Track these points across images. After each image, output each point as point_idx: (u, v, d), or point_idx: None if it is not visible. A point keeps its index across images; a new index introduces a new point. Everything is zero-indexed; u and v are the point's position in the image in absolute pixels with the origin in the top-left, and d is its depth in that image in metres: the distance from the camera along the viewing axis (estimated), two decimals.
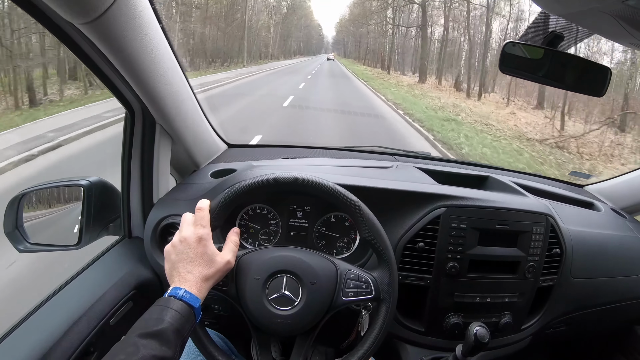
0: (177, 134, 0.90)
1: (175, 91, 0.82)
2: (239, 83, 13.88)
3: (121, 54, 0.65)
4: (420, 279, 0.85)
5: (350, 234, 0.92)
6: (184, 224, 0.65)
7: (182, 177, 1.06)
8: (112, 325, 0.79)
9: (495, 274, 0.86)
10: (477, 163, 1.34)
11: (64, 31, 0.62)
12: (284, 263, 0.67)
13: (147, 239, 0.89)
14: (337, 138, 6.35)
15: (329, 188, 0.70)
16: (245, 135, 5.55)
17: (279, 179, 0.70)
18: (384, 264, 0.70)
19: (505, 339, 0.91)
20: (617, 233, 1.10)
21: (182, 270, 0.60)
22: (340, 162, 1.10)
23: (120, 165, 0.89)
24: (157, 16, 0.69)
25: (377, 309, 0.69)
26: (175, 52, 0.79)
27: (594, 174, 5.61)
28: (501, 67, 0.83)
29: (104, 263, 0.89)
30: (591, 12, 0.49)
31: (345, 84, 17.48)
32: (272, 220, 0.93)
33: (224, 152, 1.19)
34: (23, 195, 0.84)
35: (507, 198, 0.92)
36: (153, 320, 0.54)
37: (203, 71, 16.91)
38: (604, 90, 0.82)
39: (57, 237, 0.92)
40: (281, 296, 0.65)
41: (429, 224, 0.84)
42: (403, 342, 0.89)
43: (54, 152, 4.64)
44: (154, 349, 0.51)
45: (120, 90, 0.77)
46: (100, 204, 0.87)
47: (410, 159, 1.27)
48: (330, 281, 0.67)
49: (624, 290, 1.05)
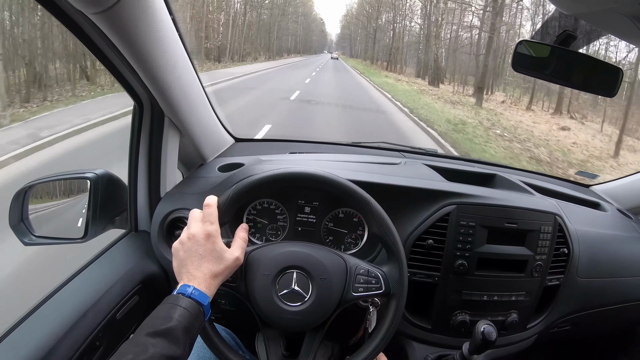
0: (185, 127, 0.89)
1: (184, 84, 0.81)
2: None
3: (132, 45, 0.64)
4: (428, 276, 0.85)
5: (359, 230, 0.92)
6: (192, 221, 0.64)
7: (189, 170, 1.05)
8: (119, 319, 0.79)
9: (502, 273, 0.86)
10: (483, 161, 1.34)
11: (73, 21, 0.61)
12: (294, 259, 0.67)
13: (154, 233, 0.88)
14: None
15: (339, 183, 0.69)
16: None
17: (289, 173, 0.69)
18: (394, 259, 0.69)
19: (511, 338, 0.92)
20: (623, 234, 1.10)
21: (191, 268, 0.60)
22: (348, 158, 1.09)
23: (128, 158, 0.89)
24: (168, 7, 0.68)
25: (386, 304, 0.69)
26: (186, 44, 0.78)
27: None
28: (514, 65, 0.83)
29: (110, 257, 0.88)
30: (606, 13, 0.49)
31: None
32: (280, 216, 0.93)
33: (231, 146, 1.18)
34: (29, 187, 0.84)
35: (515, 197, 0.92)
36: (161, 318, 0.53)
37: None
38: (616, 91, 0.82)
39: (62, 230, 0.92)
40: (291, 292, 0.65)
41: (438, 221, 0.84)
42: (409, 339, 0.89)
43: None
44: (163, 347, 0.50)
45: (129, 82, 0.76)
46: (106, 197, 0.86)
47: (417, 155, 1.27)
48: (340, 276, 0.67)
49: (630, 291, 1.06)
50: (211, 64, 18.05)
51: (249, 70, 16.72)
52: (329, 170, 0.72)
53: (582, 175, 1.53)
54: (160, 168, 0.89)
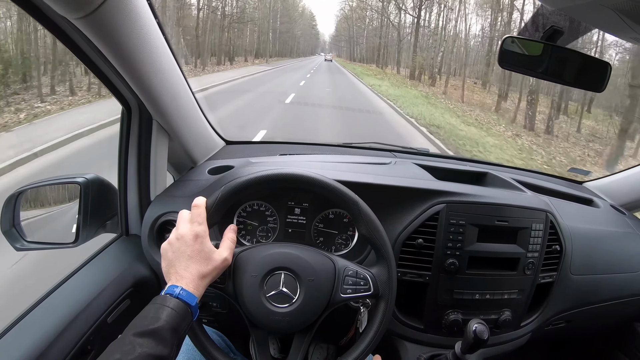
0: (174, 130, 0.89)
1: (171, 87, 0.81)
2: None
3: (116, 49, 0.65)
4: (419, 275, 0.84)
5: (349, 231, 0.92)
6: (181, 222, 0.64)
7: (180, 173, 1.05)
8: (110, 323, 0.79)
9: (494, 271, 0.86)
10: (476, 159, 1.34)
11: (58, 26, 0.62)
12: (282, 260, 0.67)
13: (145, 237, 0.88)
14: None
15: (326, 184, 0.69)
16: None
17: (275, 175, 0.69)
18: (382, 260, 0.69)
19: (505, 336, 0.91)
20: (617, 230, 1.10)
21: (179, 268, 0.60)
22: (338, 159, 1.09)
23: (117, 162, 0.89)
24: (152, 11, 0.69)
25: (375, 305, 0.69)
26: (172, 47, 0.78)
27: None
28: (500, 62, 0.82)
29: (101, 261, 0.88)
30: (592, 6, 0.48)
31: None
32: (270, 217, 0.93)
33: (221, 148, 1.18)
34: (20, 192, 0.84)
35: (506, 194, 0.92)
36: (149, 318, 0.54)
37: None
38: (604, 86, 0.82)
39: (54, 235, 0.92)
40: (279, 293, 0.65)
41: (428, 221, 0.84)
42: (402, 339, 0.89)
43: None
44: (150, 347, 0.50)
45: (116, 86, 0.77)
46: (97, 201, 0.86)
47: (408, 155, 1.27)
48: (328, 278, 0.67)
49: (623, 287, 1.05)
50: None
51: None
52: (318, 171, 0.72)
53: (575, 172, 1.53)
54: (150, 172, 0.89)
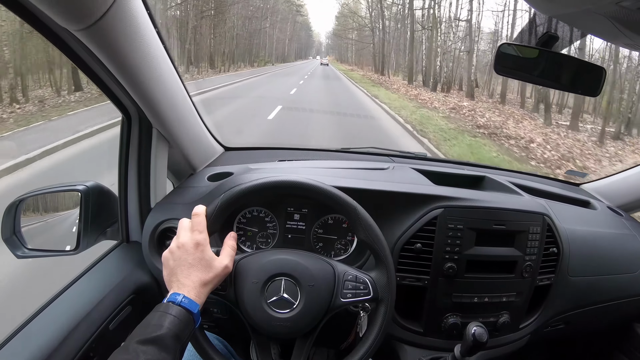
0: (174, 138, 0.90)
1: (171, 96, 0.82)
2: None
3: (117, 59, 0.65)
4: (418, 279, 0.85)
5: (348, 236, 0.93)
6: (181, 230, 0.65)
7: (179, 180, 1.05)
8: (112, 330, 0.79)
9: (492, 274, 0.87)
10: (473, 163, 1.35)
11: (59, 37, 0.62)
12: (282, 266, 0.67)
13: (145, 244, 0.89)
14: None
15: (325, 190, 0.70)
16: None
17: (274, 182, 0.70)
18: (381, 264, 0.70)
19: (504, 338, 0.92)
20: (614, 231, 1.10)
21: (181, 276, 0.61)
22: (337, 164, 1.10)
23: (118, 169, 0.89)
24: (152, 22, 0.69)
25: (375, 309, 0.69)
26: (171, 56, 0.79)
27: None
28: (496, 67, 0.83)
29: (102, 268, 0.88)
30: (585, 14, 0.49)
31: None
32: (269, 223, 0.93)
33: (220, 155, 1.19)
34: (20, 200, 0.84)
35: (503, 198, 0.93)
36: (152, 326, 0.54)
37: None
38: (599, 90, 0.83)
39: (55, 242, 0.92)
40: (280, 299, 0.66)
41: (426, 225, 0.85)
42: (402, 343, 0.89)
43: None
44: (153, 355, 0.51)
45: (116, 95, 0.77)
46: (97, 208, 0.87)
47: (406, 159, 1.27)
48: (328, 283, 0.67)
49: (622, 288, 1.06)
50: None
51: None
52: (317, 177, 0.73)
53: (572, 174, 1.54)
54: (150, 179, 0.89)
